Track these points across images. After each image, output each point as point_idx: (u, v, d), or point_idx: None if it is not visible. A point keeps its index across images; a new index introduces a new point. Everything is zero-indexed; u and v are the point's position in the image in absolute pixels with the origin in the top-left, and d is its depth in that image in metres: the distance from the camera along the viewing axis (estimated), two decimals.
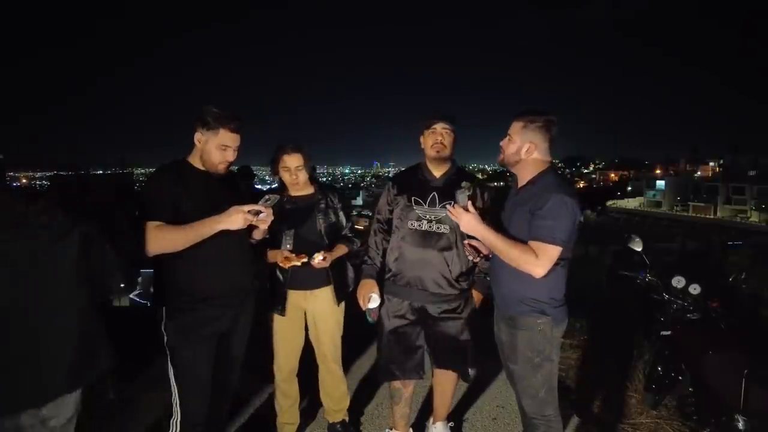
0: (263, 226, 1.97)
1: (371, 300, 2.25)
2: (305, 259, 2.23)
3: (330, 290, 2.41)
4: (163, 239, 1.80)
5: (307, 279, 2.35)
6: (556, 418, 1.95)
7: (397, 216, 2.28)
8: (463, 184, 1.95)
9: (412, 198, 2.23)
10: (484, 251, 2.01)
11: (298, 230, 2.33)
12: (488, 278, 2.25)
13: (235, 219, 1.81)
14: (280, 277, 2.36)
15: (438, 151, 2.19)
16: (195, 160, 1.96)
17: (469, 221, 1.84)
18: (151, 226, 1.81)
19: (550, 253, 1.74)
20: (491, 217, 2.02)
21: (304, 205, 2.39)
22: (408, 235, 2.21)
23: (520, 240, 1.81)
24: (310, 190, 2.43)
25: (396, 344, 2.26)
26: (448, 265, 2.19)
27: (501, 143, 1.96)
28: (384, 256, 2.35)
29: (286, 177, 2.35)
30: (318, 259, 2.24)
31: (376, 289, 2.28)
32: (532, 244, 1.76)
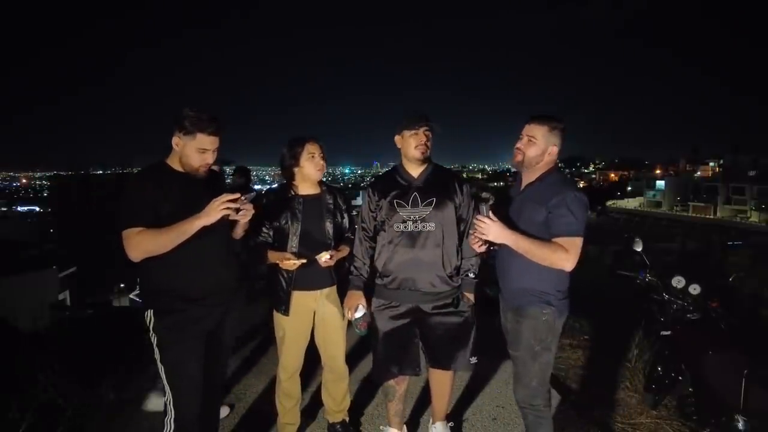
0: (243, 220, 1.99)
1: (357, 310, 2.30)
2: (304, 261, 2.25)
3: (336, 289, 2.43)
4: (147, 243, 1.81)
5: (314, 279, 2.36)
6: (545, 409, 2.05)
7: (381, 220, 2.28)
8: (484, 195, 1.99)
9: (395, 201, 2.24)
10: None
11: (306, 230, 2.34)
12: (471, 275, 2.28)
13: (209, 210, 1.81)
14: (284, 276, 2.35)
15: (422, 153, 2.23)
16: (174, 162, 1.97)
17: (497, 231, 1.91)
18: (133, 232, 1.81)
19: (579, 246, 1.87)
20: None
21: (312, 205, 2.40)
22: (396, 237, 2.22)
23: (540, 238, 1.92)
24: (317, 189, 2.44)
25: (391, 345, 2.27)
26: (439, 262, 2.20)
27: (519, 145, 2.03)
28: (371, 262, 2.34)
29: (311, 166, 2.35)
30: (325, 257, 2.27)
31: (363, 300, 2.32)
32: (561, 240, 1.87)
